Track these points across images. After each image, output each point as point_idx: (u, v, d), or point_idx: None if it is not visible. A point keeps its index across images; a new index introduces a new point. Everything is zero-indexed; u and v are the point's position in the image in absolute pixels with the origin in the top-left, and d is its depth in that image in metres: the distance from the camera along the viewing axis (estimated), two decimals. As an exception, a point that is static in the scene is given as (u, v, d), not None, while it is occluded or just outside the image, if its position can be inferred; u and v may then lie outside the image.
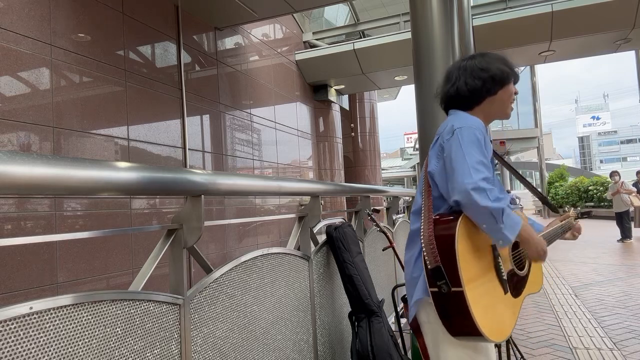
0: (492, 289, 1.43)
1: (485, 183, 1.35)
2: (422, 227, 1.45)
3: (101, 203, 4.31)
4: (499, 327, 1.39)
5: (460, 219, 1.38)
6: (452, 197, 1.40)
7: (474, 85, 1.56)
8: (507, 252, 1.54)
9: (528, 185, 2.04)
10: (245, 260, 1.72)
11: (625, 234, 9.64)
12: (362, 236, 3.16)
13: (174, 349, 1.32)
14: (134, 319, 1.19)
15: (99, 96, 4.43)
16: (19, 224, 3.67)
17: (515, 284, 1.53)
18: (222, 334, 1.54)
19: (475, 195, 1.33)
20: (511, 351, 2.61)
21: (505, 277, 1.48)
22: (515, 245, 1.59)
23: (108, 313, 1.12)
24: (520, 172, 1.88)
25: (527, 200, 23.24)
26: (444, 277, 1.32)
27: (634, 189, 10.06)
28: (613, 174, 10.70)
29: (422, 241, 1.40)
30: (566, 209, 1.95)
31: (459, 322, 1.33)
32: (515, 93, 1.63)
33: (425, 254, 1.38)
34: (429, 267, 1.36)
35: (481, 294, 1.37)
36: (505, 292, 1.47)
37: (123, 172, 1.16)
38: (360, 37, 8.98)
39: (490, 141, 1.58)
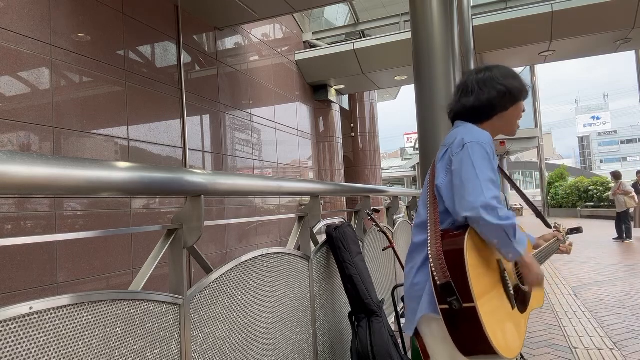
0: (501, 304, 1.40)
1: (495, 202, 1.33)
2: (429, 242, 1.42)
3: (101, 203, 4.31)
4: (511, 343, 1.37)
5: (467, 233, 1.36)
6: (460, 213, 1.37)
7: (491, 98, 1.54)
8: (511, 268, 1.52)
9: (525, 199, 2.04)
10: (245, 260, 1.72)
11: (625, 234, 9.68)
12: (362, 236, 3.16)
13: (174, 349, 1.32)
14: (134, 319, 1.19)
15: (99, 96, 4.43)
16: (19, 224, 3.67)
17: (521, 299, 1.52)
18: (222, 334, 1.54)
19: (486, 213, 1.31)
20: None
21: (512, 292, 1.46)
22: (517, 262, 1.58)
23: (108, 313, 1.12)
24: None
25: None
26: (455, 293, 1.30)
27: (631, 190, 10.07)
28: (614, 175, 10.75)
29: (430, 257, 1.38)
30: (556, 224, 1.95)
31: (472, 339, 1.30)
32: (523, 111, 1.61)
33: (433, 270, 1.35)
34: (438, 283, 1.32)
35: (492, 310, 1.34)
36: (513, 308, 1.45)
37: (123, 172, 1.15)
38: (360, 37, 8.98)
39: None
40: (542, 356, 3.19)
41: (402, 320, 3.17)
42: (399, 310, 3.27)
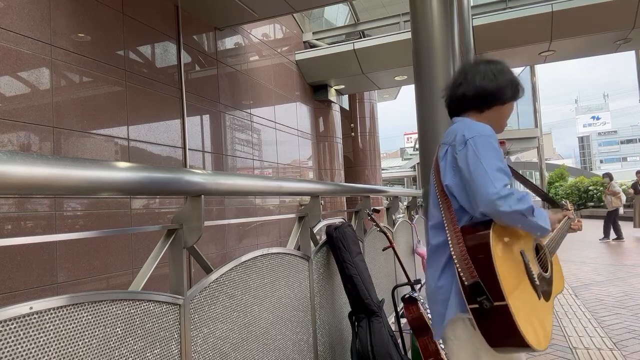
0: (529, 297, 1.39)
1: (507, 189, 1.33)
2: (450, 242, 1.40)
3: (101, 203, 4.31)
4: (543, 335, 1.36)
5: (491, 229, 1.34)
6: (477, 209, 1.37)
7: (492, 88, 1.53)
8: (533, 257, 1.51)
9: (529, 184, 2.03)
10: (245, 260, 1.72)
11: (604, 234, 10.13)
12: (362, 236, 3.16)
13: (174, 349, 1.32)
14: (134, 319, 1.19)
15: (99, 96, 4.43)
16: (19, 224, 3.67)
17: (544, 288, 1.51)
18: (222, 334, 1.54)
19: (502, 204, 1.31)
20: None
21: (537, 283, 1.45)
22: (537, 249, 1.58)
23: (108, 313, 1.12)
24: (520, 172, 1.87)
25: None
26: (485, 292, 1.28)
27: (619, 191, 10.61)
28: (608, 176, 11.33)
29: (454, 257, 1.36)
30: (564, 202, 1.95)
31: (504, 336, 1.29)
32: (511, 110, 1.63)
33: (460, 270, 1.33)
34: (465, 283, 1.30)
35: (522, 304, 1.33)
36: (540, 298, 1.44)
37: (123, 172, 1.15)
38: (360, 37, 8.98)
39: None
40: (542, 356, 3.19)
41: (402, 320, 3.17)
42: (399, 310, 3.27)
